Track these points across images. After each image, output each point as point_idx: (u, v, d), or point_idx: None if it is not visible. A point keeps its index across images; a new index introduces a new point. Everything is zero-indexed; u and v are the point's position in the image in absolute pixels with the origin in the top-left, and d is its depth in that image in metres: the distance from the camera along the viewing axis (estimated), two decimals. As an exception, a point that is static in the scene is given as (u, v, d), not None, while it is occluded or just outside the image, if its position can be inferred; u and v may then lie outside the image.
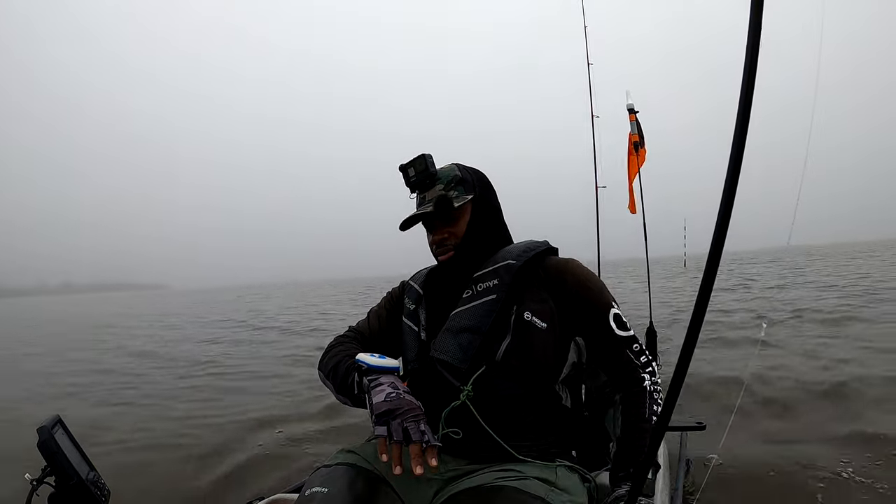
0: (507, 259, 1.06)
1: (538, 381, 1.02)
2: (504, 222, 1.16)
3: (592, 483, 1.04)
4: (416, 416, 0.87)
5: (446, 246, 1.08)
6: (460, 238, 1.08)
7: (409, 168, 1.09)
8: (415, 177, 1.09)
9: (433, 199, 1.07)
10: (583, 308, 1.03)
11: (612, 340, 1.03)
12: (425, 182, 1.09)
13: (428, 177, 1.08)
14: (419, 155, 1.08)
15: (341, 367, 1.06)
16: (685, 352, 0.60)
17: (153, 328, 14.09)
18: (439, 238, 1.09)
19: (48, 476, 0.87)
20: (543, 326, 1.01)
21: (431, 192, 1.08)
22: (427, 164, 1.07)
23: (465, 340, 1.01)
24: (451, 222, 1.08)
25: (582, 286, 1.04)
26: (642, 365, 1.03)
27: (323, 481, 0.94)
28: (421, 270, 1.23)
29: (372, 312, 1.23)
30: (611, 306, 1.04)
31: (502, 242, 1.13)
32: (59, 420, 0.93)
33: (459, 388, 1.00)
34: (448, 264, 1.10)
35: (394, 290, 1.25)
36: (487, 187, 1.14)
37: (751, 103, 0.54)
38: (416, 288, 1.17)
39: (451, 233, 1.08)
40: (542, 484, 0.92)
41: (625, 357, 1.02)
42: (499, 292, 1.03)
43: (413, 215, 1.09)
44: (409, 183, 1.10)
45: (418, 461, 0.83)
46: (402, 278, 1.27)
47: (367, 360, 0.94)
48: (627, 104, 3.22)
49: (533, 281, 1.05)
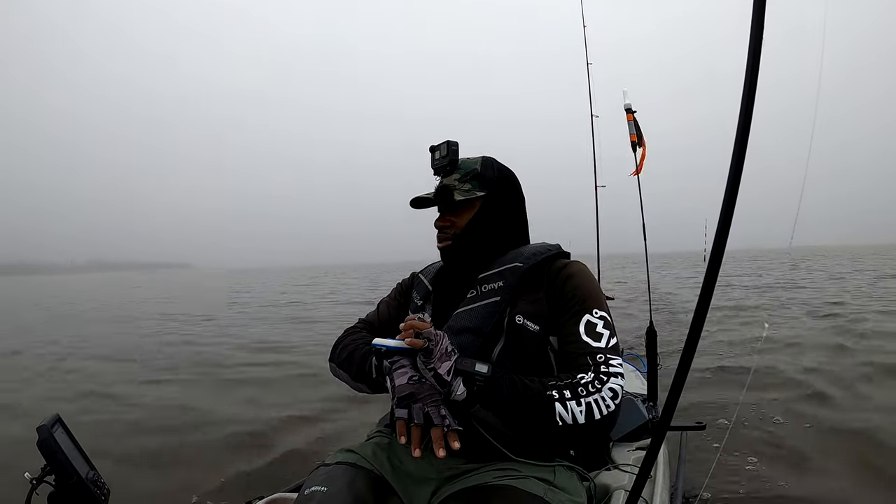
0: (515, 261, 1.05)
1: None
2: (523, 224, 1.15)
3: (591, 482, 1.04)
4: (436, 401, 0.88)
5: (446, 234, 1.10)
6: (460, 230, 1.09)
7: (435, 151, 1.12)
8: (437, 161, 1.12)
9: (444, 186, 1.09)
10: (560, 306, 1.01)
11: (575, 343, 0.96)
12: (445, 168, 1.11)
13: (448, 164, 1.10)
14: (446, 141, 1.10)
15: (356, 355, 1.06)
16: (686, 352, 0.60)
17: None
18: (441, 225, 1.11)
19: (48, 475, 0.87)
20: (536, 329, 1.00)
21: (447, 179, 1.10)
22: (449, 152, 1.09)
23: (465, 341, 1.00)
24: (454, 213, 1.10)
25: (567, 284, 1.02)
26: (595, 371, 0.92)
27: (322, 480, 0.93)
28: (433, 264, 1.22)
29: (382, 302, 1.24)
30: (588, 311, 0.98)
31: (513, 244, 1.12)
32: (59, 419, 0.93)
33: None
34: (444, 252, 1.11)
35: (404, 280, 1.25)
36: (507, 188, 1.12)
37: (752, 104, 0.54)
38: (425, 283, 1.17)
39: (452, 222, 1.10)
40: (540, 483, 0.92)
41: (582, 361, 0.94)
42: (503, 294, 1.02)
43: (418, 196, 1.12)
44: (433, 165, 1.13)
45: (440, 444, 0.87)
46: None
47: (385, 342, 0.93)
48: (625, 104, 3.21)
49: (535, 283, 1.04)
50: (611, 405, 0.89)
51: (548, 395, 0.89)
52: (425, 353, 0.87)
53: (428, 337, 0.88)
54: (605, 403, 0.89)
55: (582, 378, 0.91)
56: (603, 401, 0.89)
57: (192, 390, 4.63)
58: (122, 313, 13.12)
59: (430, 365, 0.87)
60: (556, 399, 0.88)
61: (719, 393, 3.64)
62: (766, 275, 17.84)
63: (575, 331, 0.97)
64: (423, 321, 0.92)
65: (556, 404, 0.88)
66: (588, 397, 0.89)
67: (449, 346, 0.90)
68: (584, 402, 0.88)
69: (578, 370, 0.93)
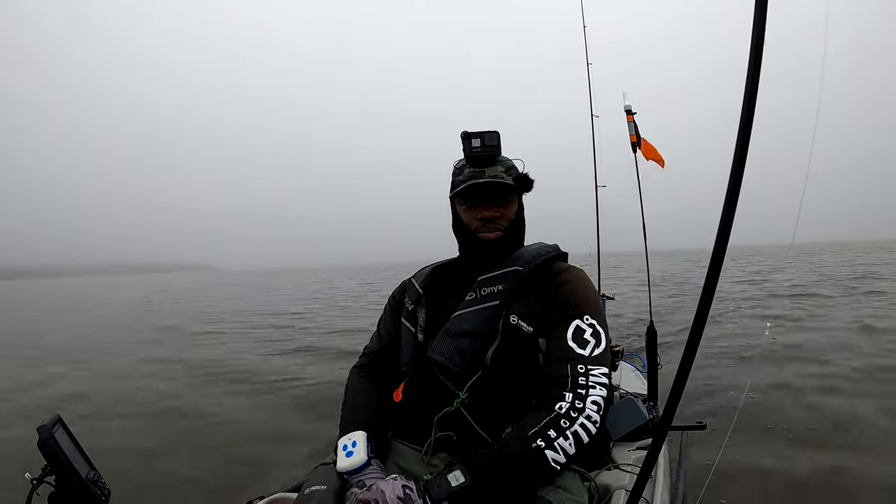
0: (515, 265, 1.05)
1: (527, 385, 1.00)
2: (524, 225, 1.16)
3: (592, 482, 1.04)
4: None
5: (497, 224, 1.07)
6: (510, 222, 1.08)
7: (475, 138, 1.04)
8: (479, 149, 1.04)
9: (494, 176, 1.03)
10: (553, 309, 1.00)
11: (559, 347, 0.96)
12: (486, 157, 1.05)
13: (494, 154, 1.05)
14: (491, 130, 1.04)
15: (344, 423, 1.05)
16: (687, 352, 0.60)
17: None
18: (491, 215, 1.06)
19: (48, 475, 0.87)
20: (529, 330, 0.99)
21: (492, 170, 1.05)
22: (497, 142, 1.04)
23: (464, 345, 1.00)
24: (507, 204, 1.07)
25: (560, 289, 1.02)
26: (573, 385, 0.91)
27: (322, 480, 0.94)
28: (423, 268, 1.21)
29: (380, 324, 1.22)
30: (579, 317, 0.97)
31: (516, 245, 1.12)
32: (60, 419, 0.93)
33: (455, 393, 0.99)
34: (492, 245, 1.07)
35: (394, 292, 1.24)
36: (529, 189, 1.12)
37: (754, 104, 0.53)
38: (416, 287, 1.16)
39: (503, 214, 1.07)
40: (541, 483, 0.92)
41: (561, 369, 0.93)
42: (502, 298, 1.02)
43: (482, 181, 1.03)
44: (470, 153, 1.05)
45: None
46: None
47: (341, 465, 0.94)
48: (625, 105, 3.21)
49: (531, 286, 1.04)
50: (597, 419, 0.89)
51: (534, 448, 0.86)
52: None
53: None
54: (590, 422, 0.89)
55: (560, 407, 0.89)
56: (588, 419, 0.88)
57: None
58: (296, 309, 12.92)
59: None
60: (544, 447, 0.86)
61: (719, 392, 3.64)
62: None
63: (562, 335, 0.96)
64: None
65: (546, 452, 0.86)
66: (572, 426, 0.88)
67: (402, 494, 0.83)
68: (570, 432, 0.87)
69: (555, 385, 0.92)
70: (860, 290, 10.08)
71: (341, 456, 0.95)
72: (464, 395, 0.98)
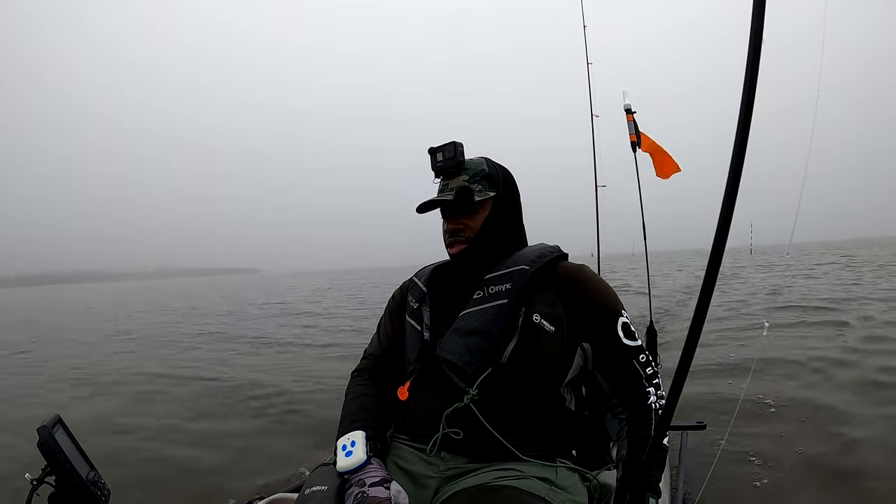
0: (520, 264, 1.05)
1: (543, 384, 1.02)
2: (522, 225, 1.16)
3: (592, 482, 1.04)
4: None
5: (459, 237, 1.07)
6: (475, 232, 1.07)
7: (437, 152, 1.07)
8: (442, 162, 1.07)
9: (455, 188, 1.06)
10: (591, 314, 1.03)
11: (619, 348, 1.01)
12: (451, 169, 1.07)
13: (455, 165, 1.07)
14: (450, 141, 1.06)
15: (343, 425, 1.04)
16: (686, 352, 0.60)
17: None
18: (453, 228, 1.07)
19: (48, 476, 0.87)
20: (552, 330, 1.00)
21: (455, 181, 1.07)
22: (456, 152, 1.06)
23: (474, 343, 1.00)
24: (469, 215, 1.07)
25: (592, 291, 1.04)
26: (647, 377, 1.00)
27: (322, 480, 0.94)
28: (426, 267, 1.21)
29: (380, 326, 1.22)
30: (619, 314, 1.03)
31: (516, 245, 1.12)
32: (60, 419, 0.93)
33: (464, 390, 1.00)
34: (458, 257, 1.08)
35: (394, 293, 1.23)
36: (512, 187, 1.13)
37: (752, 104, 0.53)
38: (420, 286, 1.16)
39: (466, 225, 1.07)
40: (542, 483, 0.92)
41: (631, 367, 1.01)
42: (510, 297, 1.02)
43: (431, 200, 1.07)
44: (435, 167, 1.09)
45: None
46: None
47: (340, 465, 0.94)
48: (625, 105, 3.22)
49: (544, 285, 1.05)
50: (663, 393, 1.00)
51: (665, 445, 1.01)
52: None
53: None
54: (663, 399, 1.00)
55: (651, 403, 0.99)
56: (662, 398, 0.99)
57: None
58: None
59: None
60: (665, 437, 0.96)
61: (719, 392, 3.64)
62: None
63: (615, 335, 1.02)
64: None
65: (665, 439, 0.99)
66: (661, 409, 0.98)
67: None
68: (660, 413, 0.97)
69: (631, 380, 1.00)
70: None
71: (340, 456, 0.95)
72: (474, 392, 0.99)
